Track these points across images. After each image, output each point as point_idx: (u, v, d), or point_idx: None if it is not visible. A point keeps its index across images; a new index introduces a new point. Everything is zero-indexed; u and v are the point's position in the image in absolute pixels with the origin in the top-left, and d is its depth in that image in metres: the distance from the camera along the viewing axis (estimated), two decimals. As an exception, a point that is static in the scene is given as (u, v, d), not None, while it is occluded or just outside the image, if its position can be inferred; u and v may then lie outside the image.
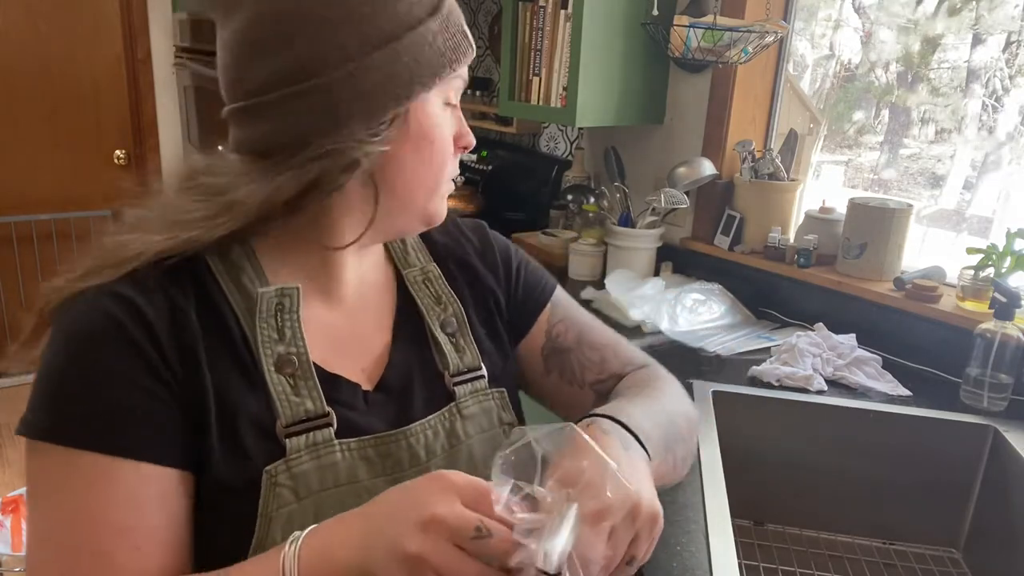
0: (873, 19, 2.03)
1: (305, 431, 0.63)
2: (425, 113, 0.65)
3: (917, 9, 1.91)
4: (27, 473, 0.59)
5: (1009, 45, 1.82)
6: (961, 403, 1.33)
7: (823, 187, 2.08)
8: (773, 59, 1.85)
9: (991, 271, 1.41)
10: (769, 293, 1.76)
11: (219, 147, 0.69)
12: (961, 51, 1.88)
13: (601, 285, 1.81)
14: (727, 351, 1.54)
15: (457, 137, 0.70)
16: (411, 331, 0.75)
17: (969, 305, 1.43)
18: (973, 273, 1.43)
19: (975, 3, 1.80)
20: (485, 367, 0.76)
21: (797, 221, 1.83)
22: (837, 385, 1.38)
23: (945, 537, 1.29)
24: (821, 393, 1.34)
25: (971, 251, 1.44)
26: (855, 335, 1.50)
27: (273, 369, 0.63)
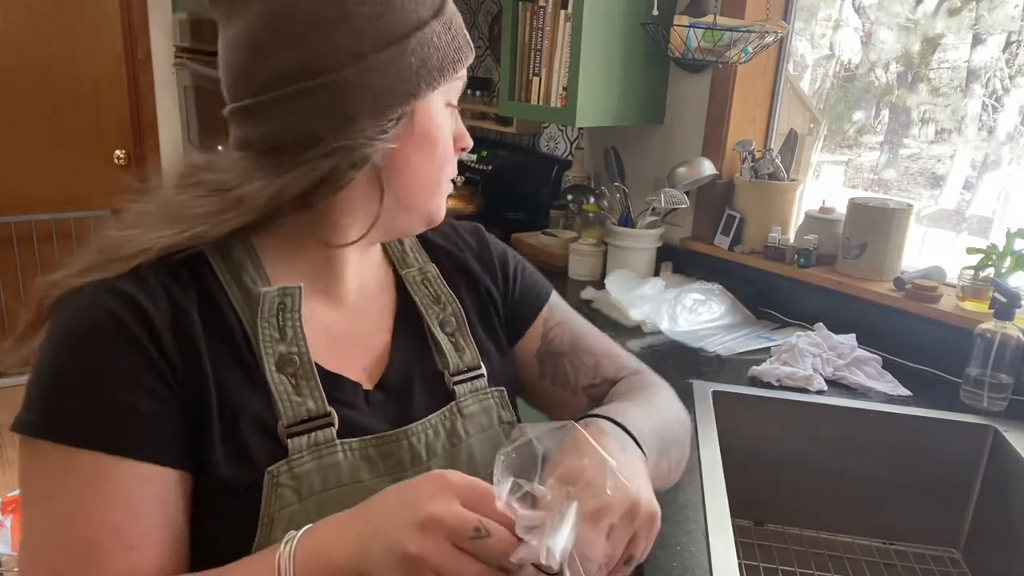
0: (873, 19, 2.03)
1: (307, 431, 0.63)
2: (429, 112, 0.66)
3: (917, 9, 1.91)
4: (21, 470, 0.58)
5: (1009, 45, 1.82)
6: (961, 403, 1.33)
7: (823, 187, 2.08)
8: (773, 59, 1.85)
9: (991, 271, 1.41)
10: (769, 293, 1.76)
11: (219, 147, 0.69)
12: (961, 51, 1.88)
13: (601, 285, 1.81)
14: (727, 351, 1.54)
15: (456, 138, 0.71)
16: (410, 331, 0.75)
17: (969, 305, 1.43)
18: (973, 273, 1.43)
19: (975, 3, 1.80)
20: (484, 366, 0.76)
21: (797, 221, 1.83)
22: (837, 385, 1.38)
23: (945, 537, 1.29)
24: (821, 393, 1.34)
25: (971, 251, 1.44)
26: (855, 335, 1.50)
27: (274, 369, 0.63)
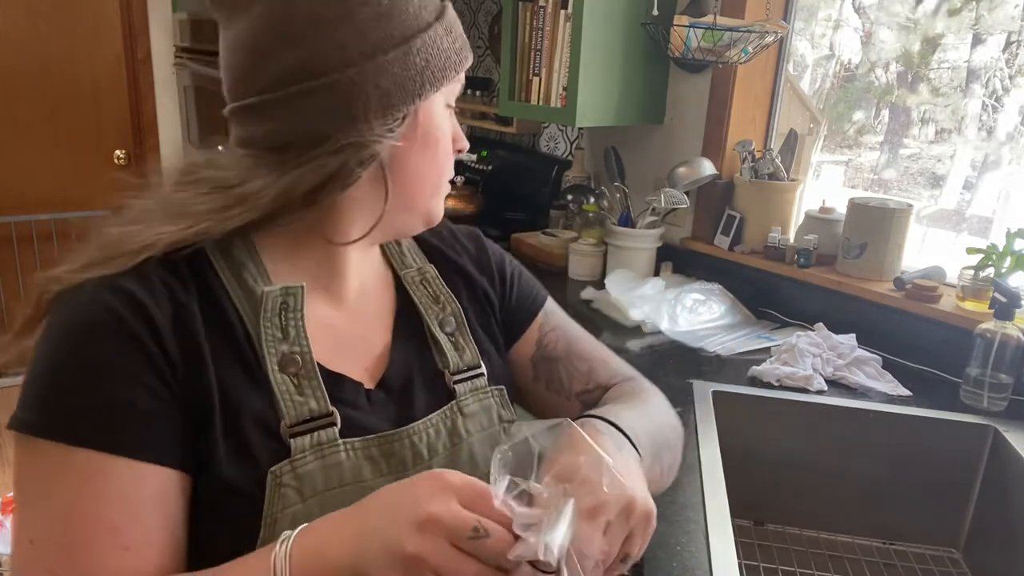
0: (873, 19, 2.03)
1: (309, 431, 0.63)
2: (431, 113, 0.67)
3: (917, 9, 1.91)
4: (17, 468, 0.57)
5: (1009, 45, 1.82)
6: (961, 403, 1.33)
7: (823, 187, 2.08)
8: (773, 59, 1.85)
9: (991, 271, 1.41)
10: (769, 293, 1.76)
11: (219, 147, 0.69)
12: (961, 51, 1.88)
13: (601, 285, 1.81)
14: (727, 351, 1.54)
15: (454, 139, 0.72)
16: (410, 331, 0.75)
17: (969, 305, 1.43)
18: (973, 273, 1.43)
19: (975, 3, 1.80)
20: (484, 365, 0.77)
21: (797, 221, 1.83)
22: (837, 385, 1.38)
23: (945, 537, 1.29)
24: (821, 393, 1.34)
25: (971, 251, 1.44)
26: (855, 335, 1.50)
27: (277, 368, 0.63)
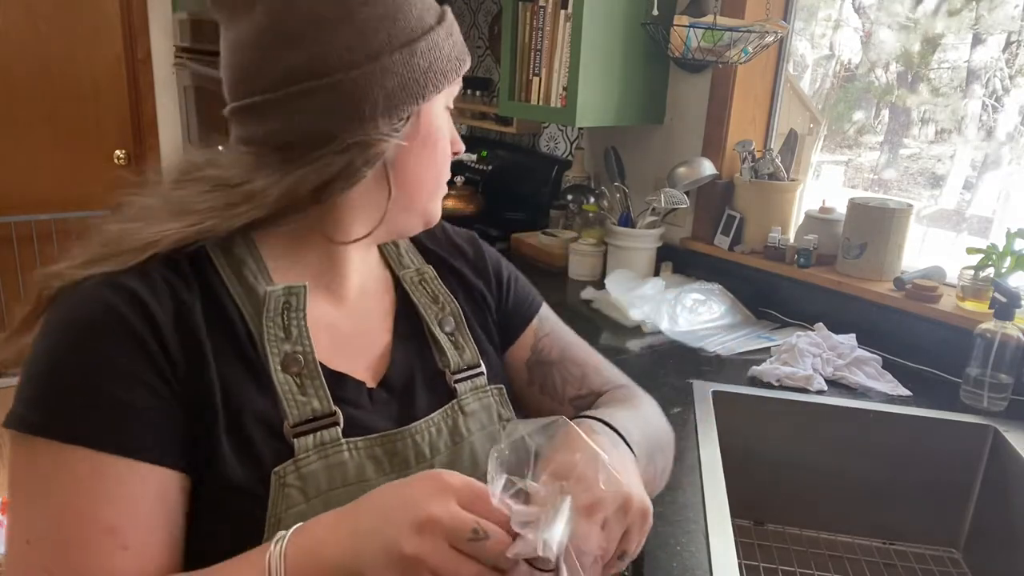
0: (873, 19, 2.03)
1: (312, 431, 0.62)
2: (432, 115, 0.68)
3: (917, 9, 1.91)
4: (12, 466, 0.56)
5: (1009, 45, 1.82)
6: (961, 403, 1.33)
7: (823, 187, 2.08)
8: (773, 59, 1.85)
9: (991, 271, 1.41)
10: (769, 293, 1.76)
11: (219, 147, 0.69)
12: (961, 51, 1.89)
13: (601, 285, 1.81)
14: (727, 351, 1.54)
15: (451, 141, 0.73)
16: (410, 330, 0.75)
17: (969, 305, 1.43)
18: (973, 273, 1.43)
19: (975, 3, 1.80)
20: (483, 364, 0.77)
21: (797, 221, 1.83)
22: (837, 385, 1.38)
23: (945, 537, 1.29)
24: (821, 393, 1.34)
25: (971, 251, 1.44)
26: (855, 335, 1.51)
27: (279, 368, 0.63)
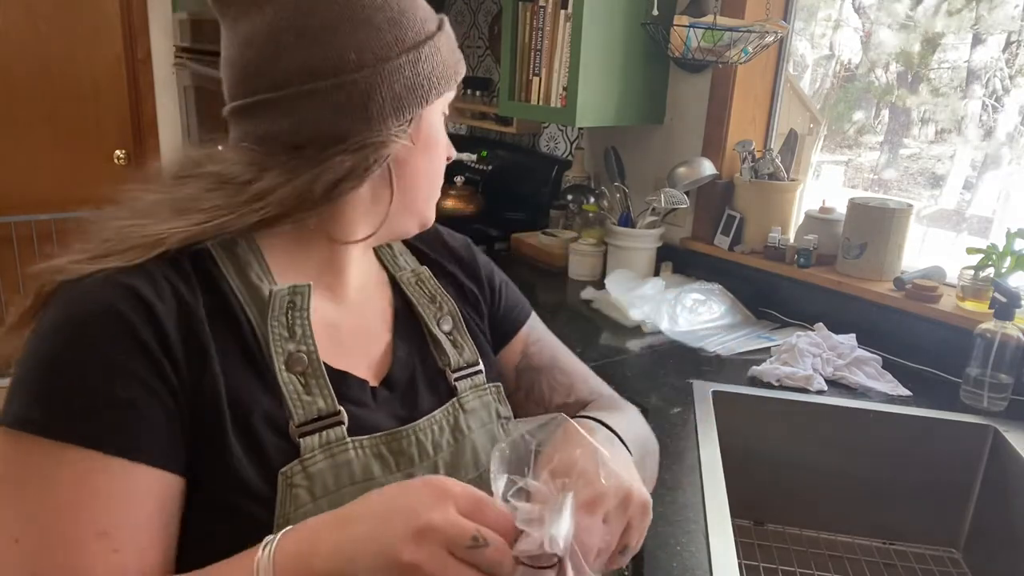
0: (873, 19, 2.03)
1: (318, 430, 0.62)
2: (432, 118, 0.70)
3: (917, 9, 1.91)
4: (2, 463, 0.55)
5: (1009, 45, 1.82)
6: (961, 403, 1.33)
7: (823, 187, 2.08)
8: (773, 59, 1.85)
9: (991, 271, 1.41)
10: (769, 293, 1.76)
11: (219, 147, 0.69)
12: (961, 51, 1.89)
13: (601, 285, 1.81)
14: (727, 351, 1.54)
15: (445, 146, 0.74)
16: (410, 330, 0.76)
17: (969, 305, 1.43)
18: (973, 273, 1.43)
19: (975, 3, 1.80)
20: (482, 363, 0.78)
21: (797, 221, 1.83)
22: (837, 385, 1.38)
23: (945, 537, 1.29)
24: (821, 393, 1.34)
25: (971, 251, 1.44)
26: (855, 335, 1.50)
27: (284, 368, 0.63)
